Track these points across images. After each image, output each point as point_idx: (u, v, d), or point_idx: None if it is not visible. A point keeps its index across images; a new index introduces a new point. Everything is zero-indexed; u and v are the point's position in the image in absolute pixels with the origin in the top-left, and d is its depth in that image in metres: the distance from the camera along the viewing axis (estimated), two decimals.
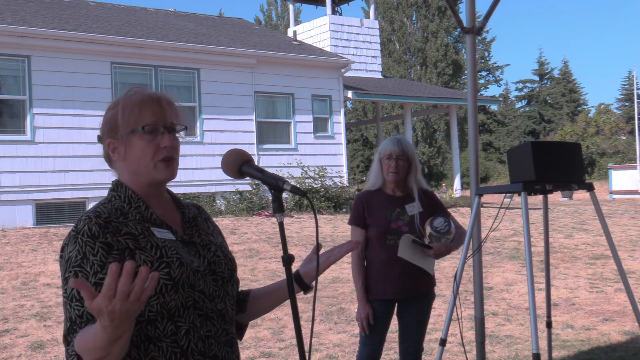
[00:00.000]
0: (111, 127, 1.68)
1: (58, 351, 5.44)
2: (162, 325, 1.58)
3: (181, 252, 1.66)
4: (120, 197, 1.69)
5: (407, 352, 3.70)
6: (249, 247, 10.29)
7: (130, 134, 1.65)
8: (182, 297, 1.60)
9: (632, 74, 46.68)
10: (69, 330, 1.50)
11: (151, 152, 1.65)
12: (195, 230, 1.78)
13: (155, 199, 1.73)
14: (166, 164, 1.67)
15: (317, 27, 20.68)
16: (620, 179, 24.11)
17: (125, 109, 1.66)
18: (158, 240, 1.63)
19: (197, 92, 14.79)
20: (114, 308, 1.25)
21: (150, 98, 1.68)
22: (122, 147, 1.67)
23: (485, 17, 4.26)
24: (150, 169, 1.67)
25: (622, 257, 8.54)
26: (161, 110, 1.68)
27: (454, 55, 39.14)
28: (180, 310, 1.60)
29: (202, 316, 1.64)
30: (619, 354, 5.25)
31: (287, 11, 40.72)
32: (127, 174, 1.70)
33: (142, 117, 1.65)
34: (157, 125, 1.66)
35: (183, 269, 1.61)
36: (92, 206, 1.69)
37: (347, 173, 17.20)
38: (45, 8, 15.10)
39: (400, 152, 3.61)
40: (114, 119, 1.68)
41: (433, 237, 3.51)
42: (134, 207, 1.67)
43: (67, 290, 1.54)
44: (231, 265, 1.79)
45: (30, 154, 12.71)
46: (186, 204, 1.85)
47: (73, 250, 1.55)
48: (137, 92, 1.70)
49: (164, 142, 1.66)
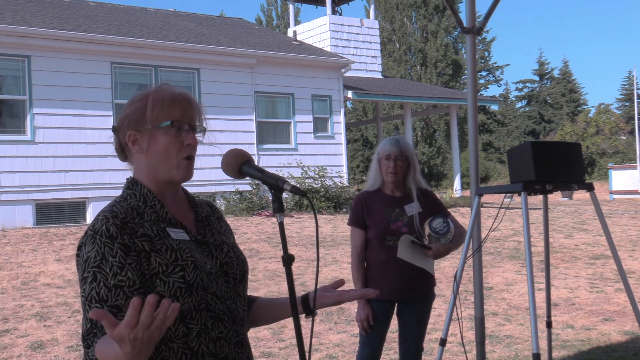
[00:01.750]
0: (136, 118, 1.69)
1: (58, 351, 5.44)
2: (174, 327, 1.59)
3: (195, 254, 1.66)
4: (136, 195, 1.69)
5: (407, 352, 3.70)
6: (249, 247, 10.29)
7: (157, 128, 1.66)
8: (195, 300, 1.61)
9: (632, 74, 46.70)
10: (89, 331, 1.51)
11: (176, 148, 1.67)
12: (209, 229, 1.78)
13: (170, 197, 1.73)
14: (188, 162, 1.69)
15: (317, 27, 20.68)
16: (620, 179, 24.11)
17: (156, 103, 1.67)
18: (173, 242, 1.63)
19: (197, 92, 14.79)
20: (136, 336, 1.27)
21: (181, 96, 1.71)
22: (145, 140, 1.68)
23: (485, 17, 4.26)
24: (172, 166, 1.68)
25: (622, 257, 8.54)
26: (190, 109, 1.71)
27: (454, 55, 39.13)
28: (192, 313, 1.61)
29: (213, 318, 1.65)
30: (619, 354, 5.25)
31: (286, 11, 40.70)
32: (144, 168, 1.71)
33: (171, 113, 1.67)
34: (183, 122, 1.68)
35: (197, 272, 1.62)
36: (106, 205, 1.69)
37: (347, 173, 17.20)
38: (45, 8, 15.09)
39: (399, 153, 3.61)
40: (141, 111, 1.68)
41: (432, 238, 3.51)
42: (149, 205, 1.68)
43: (85, 290, 1.54)
44: (243, 267, 1.79)
45: (30, 154, 12.72)
46: (199, 202, 1.85)
47: (92, 250, 1.55)
48: (168, 88, 1.72)
49: (189, 139, 1.68)
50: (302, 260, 9.43)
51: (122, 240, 1.56)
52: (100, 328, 1.50)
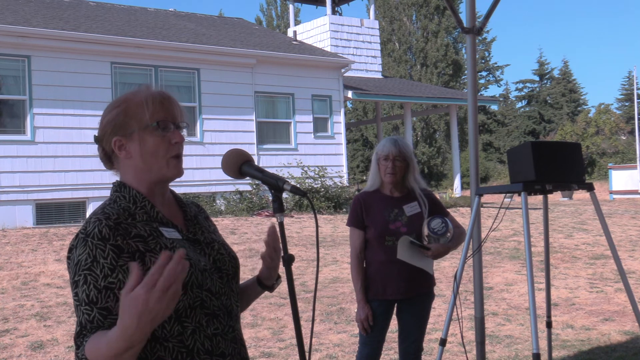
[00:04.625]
0: (120, 124, 1.68)
1: (58, 351, 5.44)
2: (169, 325, 1.59)
3: (189, 252, 1.66)
4: (125, 197, 1.68)
5: (407, 352, 3.70)
6: (249, 247, 10.29)
7: (143, 129, 1.66)
8: (190, 298, 1.61)
9: (632, 74, 46.71)
10: (79, 334, 1.51)
11: (164, 148, 1.67)
12: (198, 228, 1.79)
13: (160, 197, 1.74)
14: (177, 161, 1.69)
15: (317, 27, 20.69)
16: (620, 179, 24.11)
17: (138, 106, 1.67)
18: (167, 241, 1.64)
19: (197, 92, 14.80)
20: (150, 298, 1.27)
21: (162, 95, 1.70)
22: (131, 144, 1.67)
23: (485, 17, 4.26)
24: (162, 166, 1.67)
25: (622, 257, 8.54)
26: (172, 107, 1.70)
27: (454, 55, 39.13)
28: (187, 311, 1.61)
29: (208, 315, 1.65)
30: (619, 354, 5.25)
31: (286, 11, 40.71)
32: (132, 172, 1.70)
33: (155, 113, 1.66)
34: (168, 121, 1.68)
35: (192, 270, 1.62)
36: (96, 207, 1.69)
37: (347, 173, 17.20)
38: (45, 8, 15.10)
39: (398, 153, 3.60)
40: (123, 116, 1.68)
41: (431, 238, 3.51)
42: (139, 206, 1.67)
43: (77, 294, 1.54)
44: (235, 263, 1.80)
45: (30, 154, 12.72)
46: (187, 202, 1.86)
47: (83, 253, 1.55)
48: (146, 89, 1.71)
49: (175, 137, 1.68)
50: (302, 260, 9.43)
51: (114, 241, 1.55)
52: (91, 328, 1.49)
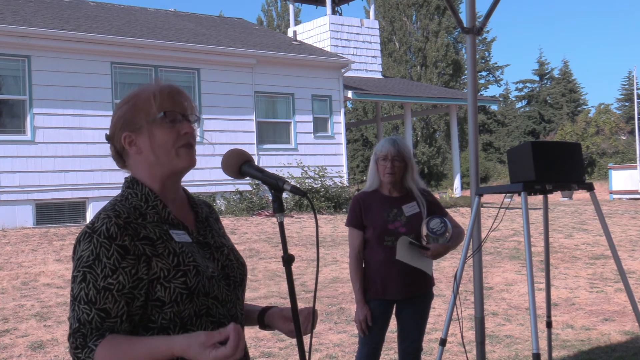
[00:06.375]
0: (129, 119, 1.67)
1: (58, 351, 5.44)
2: (174, 332, 1.57)
3: (197, 258, 1.64)
4: (137, 194, 1.66)
5: (407, 352, 3.70)
6: (249, 247, 10.29)
7: (151, 123, 1.65)
8: (196, 305, 1.59)
9: (632, 74, 46.71)
10: (76, 330, 1.49)
11: (172, 139, 1.65)
12: (209, 230, 1.77)
13: (172, 195, 1.72)
14: (187, 150, 1.67)
15: (317, 27, 20.68)
16: (620, 179, 24.09)
17: (146, 99, 1.67)
18: (176, 246, 1.61)
19: (197, 92, 14.80)
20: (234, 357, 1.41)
21: (170, 88, 1.70)
22: (140, 138, 1.66)
23: (485, 17, 4.26)
24: (173, 157, 1.66)
25: (622, 257, 8.54)
26: (181, 99, 1.70)
27: (454, 55, 39.11)
28: (193, 319, 1.60)
29: (214, 323, 1.64)
30: (619, 354, 5.25)
31: (286, 11, 40.70)
32: (144, 168, 1.68)
33: (163, 105, 1.66)
34: (176, 112, 1.67)
35: (199, 278, 1.60)
36: (107, 203, 1.66)
37: (347, 173, 17.20)
38: (45, 8, 15.09)
39: (396, 153, 3.60)
40: (130, 112, 1.67)
41: (430, 238, 3.51)
42: (151, 205, 1.65)
43: (74, 289, 1.52)
44: (242, 270, 1.78)
45: (30, 154, 12.72)
46: (199, 203, 1.84)
47: (86, 249, 1.53)
48: (155, 84, 1.71)
49: (184, 128, 1.67)
50: (302, 260, 9.43)
51: (121, 241, 1.53)
52: (90, 329, 1.48)
